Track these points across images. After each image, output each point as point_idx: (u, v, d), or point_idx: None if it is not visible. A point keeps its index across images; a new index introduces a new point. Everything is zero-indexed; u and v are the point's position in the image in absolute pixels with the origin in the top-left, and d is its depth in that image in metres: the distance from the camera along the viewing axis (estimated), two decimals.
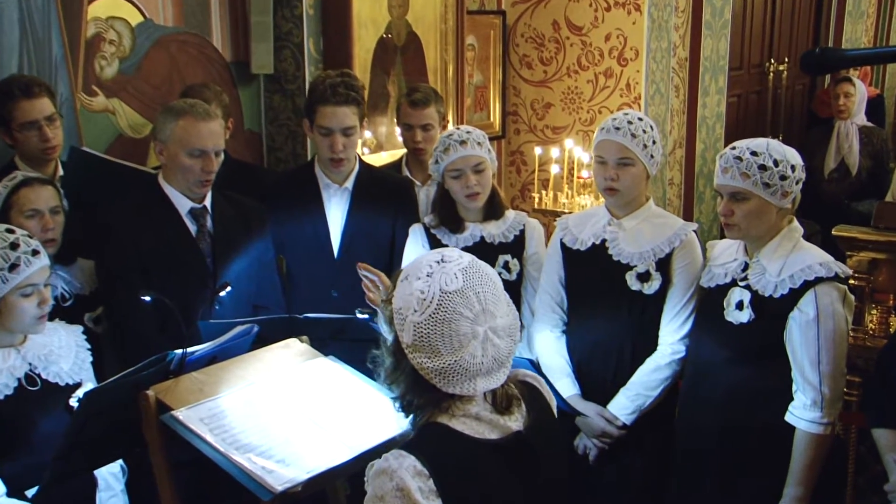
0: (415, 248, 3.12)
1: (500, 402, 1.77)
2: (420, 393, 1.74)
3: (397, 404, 1.79)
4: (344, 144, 3.20)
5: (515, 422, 1.78)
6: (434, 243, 3.08)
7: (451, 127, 3.85)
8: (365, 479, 1.70)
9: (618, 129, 2.78)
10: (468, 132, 3.02)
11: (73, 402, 2.40)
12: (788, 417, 2.53)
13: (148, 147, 3.60)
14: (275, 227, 3.19)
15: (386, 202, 3.33)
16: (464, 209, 3.08)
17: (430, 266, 1.73)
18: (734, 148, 2.56)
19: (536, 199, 4.78)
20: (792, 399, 2.53)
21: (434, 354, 1.69)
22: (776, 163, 2.50)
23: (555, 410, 1.95)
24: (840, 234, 3.84)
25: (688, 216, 5.84)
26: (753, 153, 2.51)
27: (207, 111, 2.88)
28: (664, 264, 2.81)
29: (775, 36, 7.20)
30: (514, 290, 3.06)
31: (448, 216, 3.09)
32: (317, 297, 3.12)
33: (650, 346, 2.85)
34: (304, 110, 3.39)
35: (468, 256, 1.77)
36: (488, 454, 1.73)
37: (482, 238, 3.06)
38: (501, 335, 1.73)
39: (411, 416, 1.78)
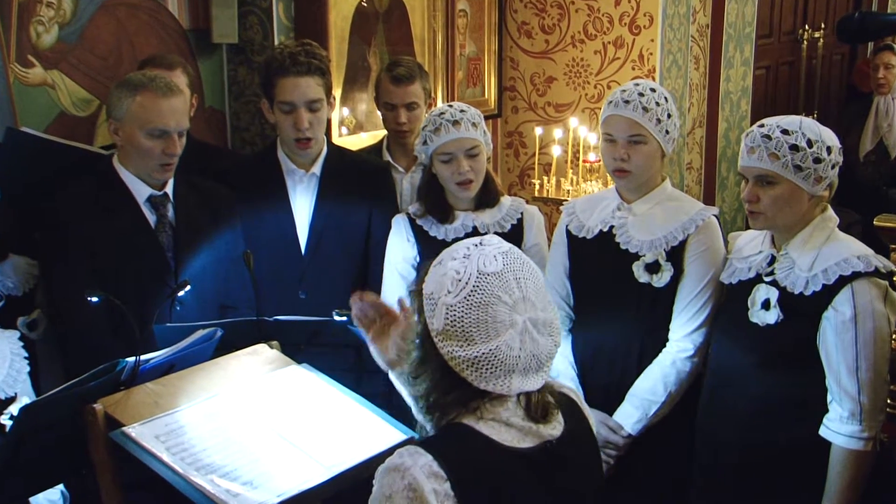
0: (399, 241, 3.13)
1: (535, 409, 1.80)
2: (448, 389, 1.77)
3: (419, 403, 1.83)
4: (310, 121, 3.19)
5: (553, 429, 1.82)
6: (420, 235, 3.09)
7: (440, 104, 3.85)
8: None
9: (627, 102, 2.80)
10: (462, 111, 3.02)
11: (6, 420, 2.39)
12: (823, 431, 2.54)
13: (94, 126, 3.59)
14: None
15: (359, 189, 3.33)
16: (454, 196, 3.09)
17: (467, 248, 1.80)
18: (762, 125, 2.57)
19: (537, 186, 4.79)
20: (826, 410, 2.54)
21: (467, 342, 1.73)
22: (810, 143, 2.51)
23: (594, 428, 1.98)
24: (883, 225, 3.85)
25: (709, 205, 5.84)
26: (784, 131, 2.52)
27: (169, 85, 2.87)
28: (677, 254, 2.82)
29: None
30: None
31: (436, 204, 3.10)
32: (282, 300, 3.09)
33: (661, 348, 2.86)
34: (260, 87, 3.36)
35: (509, 244, 1.85)
36: (515, 463, 1.75)
37: (475, 228, 3.07)
38: (542, 331, 1.77)
39: (433, 416, 1.81)
